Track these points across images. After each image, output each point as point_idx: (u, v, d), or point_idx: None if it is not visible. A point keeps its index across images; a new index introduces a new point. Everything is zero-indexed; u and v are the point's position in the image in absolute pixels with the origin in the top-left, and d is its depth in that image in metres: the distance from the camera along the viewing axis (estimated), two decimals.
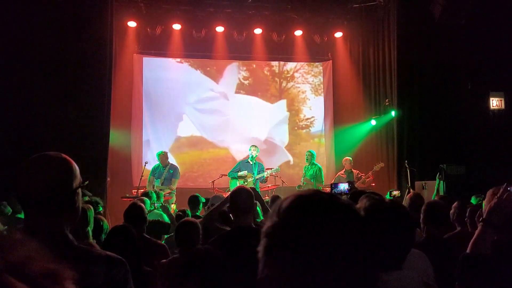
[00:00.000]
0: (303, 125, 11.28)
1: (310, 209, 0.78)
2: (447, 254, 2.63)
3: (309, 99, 11.31)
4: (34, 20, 7.31)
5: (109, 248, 1.92)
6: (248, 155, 8.46)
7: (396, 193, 6.14)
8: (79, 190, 1.41)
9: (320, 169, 8.84)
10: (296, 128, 11.25)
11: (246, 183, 8.07)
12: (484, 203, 2.31)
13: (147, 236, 3.53)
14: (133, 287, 1.36)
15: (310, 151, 8.97)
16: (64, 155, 1.40)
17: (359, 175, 8.77)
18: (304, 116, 11.28)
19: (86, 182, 1.46)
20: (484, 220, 1.86)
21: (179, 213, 5.36)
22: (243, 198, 2.71)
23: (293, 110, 11.28)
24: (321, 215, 0.78)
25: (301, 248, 0.75)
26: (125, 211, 3.55)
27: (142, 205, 3.70)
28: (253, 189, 3.07)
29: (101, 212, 4.63)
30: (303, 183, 8.67)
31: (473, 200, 5.13)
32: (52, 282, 0.64)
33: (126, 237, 2.70)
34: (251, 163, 8.33)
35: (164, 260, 3.02)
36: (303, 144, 11.09)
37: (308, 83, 11.35)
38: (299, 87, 11.31)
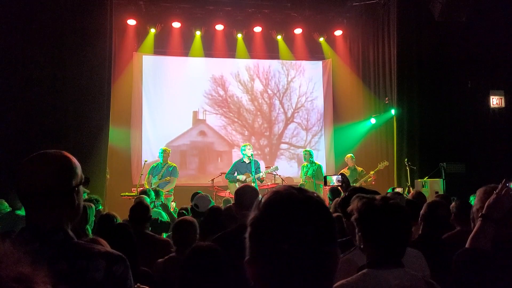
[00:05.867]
0: (303, 124, 11.27)
1: (282, 203, 0.92)
2: (443, 254, 2.62)
3: (308, 98, 11.31)
4: (33, 18, 7.29)
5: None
6: (242, 155, 8.42)
7: (398, 190, 6.05)
8: (80, 188, 1.41)
9: (320, 167, 8.86)
10: (295, 126, 11.23)
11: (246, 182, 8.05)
12: (474, 201, 2.32)
13: (150, 232, 3.62)
14: (132, 283, 1.35)
15: (308, 150, 9.03)
16: (65, 153, 1.40)
17: (364, 172, 8.78)
18: (303, 114, 11.27)
19: (87, 179, 1.46)
20: (483, 215, 1.88)
21: (182, 211, 5.33)
22: (247, 196, 2.76)
23: (292, 108, 11.27)
24: (290, 208, 0.90)
25: (276, 236, 0.89)
26: (132, 207, 3.65)
27: (148, 204, 3.82)
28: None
29: (101, 210, 4.65)
30: (305, 181, 8.65)
31: (472, 200, 5.08)
32: (24, 287, 0.61)
33: (124, 235, 2.69)
34: (247, 162, 8.28)
35: (161, 260, 3.02)
36: (302, 142, 11.10)
37: (307, 81, 11.34)
38: (298, 86, 11.30)
